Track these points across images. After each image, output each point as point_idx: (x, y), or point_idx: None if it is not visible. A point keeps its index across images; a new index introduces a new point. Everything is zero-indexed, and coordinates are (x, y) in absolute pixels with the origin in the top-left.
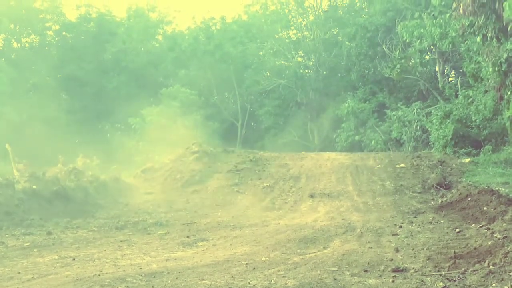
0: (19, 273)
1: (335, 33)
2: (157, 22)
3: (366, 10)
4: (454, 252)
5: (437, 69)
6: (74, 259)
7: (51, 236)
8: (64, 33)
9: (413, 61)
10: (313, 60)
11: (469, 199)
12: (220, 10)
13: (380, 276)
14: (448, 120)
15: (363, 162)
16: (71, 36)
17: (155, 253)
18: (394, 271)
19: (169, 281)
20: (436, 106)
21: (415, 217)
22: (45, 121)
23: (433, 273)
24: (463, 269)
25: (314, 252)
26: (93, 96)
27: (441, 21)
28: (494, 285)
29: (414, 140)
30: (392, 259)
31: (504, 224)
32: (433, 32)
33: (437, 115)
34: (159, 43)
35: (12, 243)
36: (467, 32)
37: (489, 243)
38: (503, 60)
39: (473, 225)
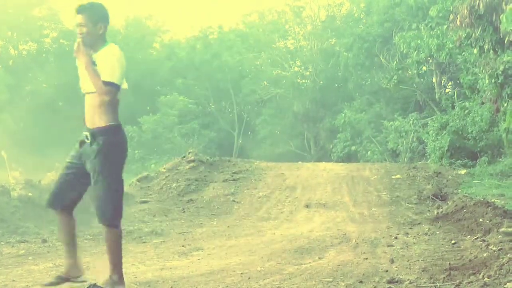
0: (14, 281)
1: (332, 43)
2: (154, 31)
3: (364, 21)
4: (449, 264)
5: (434, 80)
6: None
7: (46, 244)
8: (61, 40)
9: (410, 72)
10: (310, 70)
11: (464, 210)
12: (217, 20)
13: (375, 287)
14: (445, 132)
15: (359, 173)
16: (69, 43)
17: (150, 262)
18: (389, 282)
19: None
20: (433, 117)
21: (410, 228)
22: (42, 129)
23: (428, 285)
24: (458, 281)
25: (309, 263)
26: None
27: (438, 32)
28: None
29: (410, 151)
30: (387, 270)
31: (499, 236)
32: (430, 43)
33: (433, 126)
34: (156, 52)
35: (7, 251)
36: (464, 44)
37: (484, 255)
38: (500, 72)
39: (469, 237)
